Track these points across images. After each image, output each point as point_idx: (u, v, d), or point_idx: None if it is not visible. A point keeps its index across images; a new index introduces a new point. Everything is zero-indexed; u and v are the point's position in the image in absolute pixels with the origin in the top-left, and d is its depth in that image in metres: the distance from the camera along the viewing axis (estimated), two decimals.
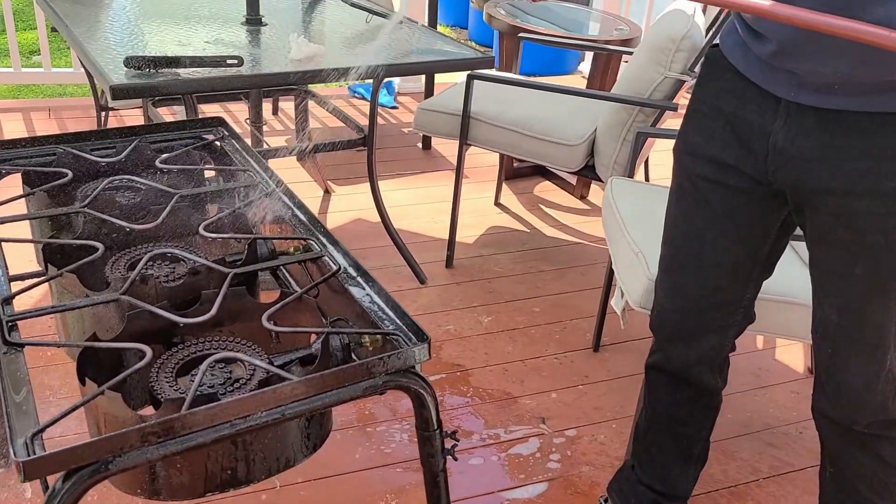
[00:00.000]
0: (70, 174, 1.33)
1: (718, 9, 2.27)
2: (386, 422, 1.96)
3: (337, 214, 2.97)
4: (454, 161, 2.62)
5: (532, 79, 3.09)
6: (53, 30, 4.29)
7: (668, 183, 1.41)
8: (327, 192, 3.13)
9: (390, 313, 1.08)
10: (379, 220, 2.61)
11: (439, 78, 3.82)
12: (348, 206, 3.02)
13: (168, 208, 1.23)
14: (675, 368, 1.47)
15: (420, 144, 3.65)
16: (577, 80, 4.69)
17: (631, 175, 2.28)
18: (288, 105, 3.78)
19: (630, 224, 1.90)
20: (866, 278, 1.18)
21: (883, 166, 1.10)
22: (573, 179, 3.31)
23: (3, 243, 1.17)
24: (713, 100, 1.26)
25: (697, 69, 2.18)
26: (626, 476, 1.64)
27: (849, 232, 1.16)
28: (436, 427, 1.06)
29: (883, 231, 1.14)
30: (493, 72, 2.57)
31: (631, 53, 2.77)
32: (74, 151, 1.39)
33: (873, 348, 1.22)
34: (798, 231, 1.32)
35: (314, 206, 3.00)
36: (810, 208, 1.20)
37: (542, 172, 3.43)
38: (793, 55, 1.11)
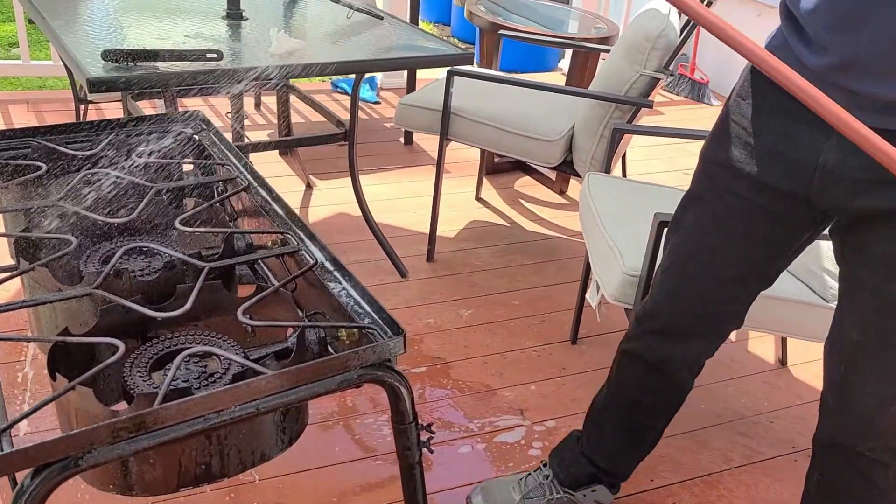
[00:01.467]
0: (44, 167, 1.32)
1: None
2: (366, 415, 1.96)
3: (318, 209, 2.97)
4: (436, 156, 2.62)
5: (512, 75, 3.10)
6: (31, 21, 4.24)
7: (645, 178, 1.43)
8: (309, 186, 3.12)
9: (366, 307, 1.08)
10: (360, 214, 2.61)
11: (421, 73, 3.82)
12: (330, 200, 3.02)
13: (144, 202, 1.23)
14: (653, 360, 1.47)
15: (402, 139, 3.64)
16: (557, 77, 4.71)
17: (608, 170, 2.30)
18: (270, 99, 3.77)
19: (606, 219, 1.91)
20: None
21: None
22: (552, 174, 3.32)
23: None
24: (759, 116, 1.22)
25: (672, 67, 2.19)
26: (570, 446, 1.66)
27: (893, 248, 1.14)
28: (411, 420, 1.07)
29: None
30: (473, 68, 2.57)
31: (608, 51, 2.78)
32: (50, 144, 1.39)
33: (893, 369, 1.19)
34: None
35: (295, 201, 3.00)
36: (859, 226, 1.18)
37: (522, 167, 3.45)
38: (853, 73, 1.07)
